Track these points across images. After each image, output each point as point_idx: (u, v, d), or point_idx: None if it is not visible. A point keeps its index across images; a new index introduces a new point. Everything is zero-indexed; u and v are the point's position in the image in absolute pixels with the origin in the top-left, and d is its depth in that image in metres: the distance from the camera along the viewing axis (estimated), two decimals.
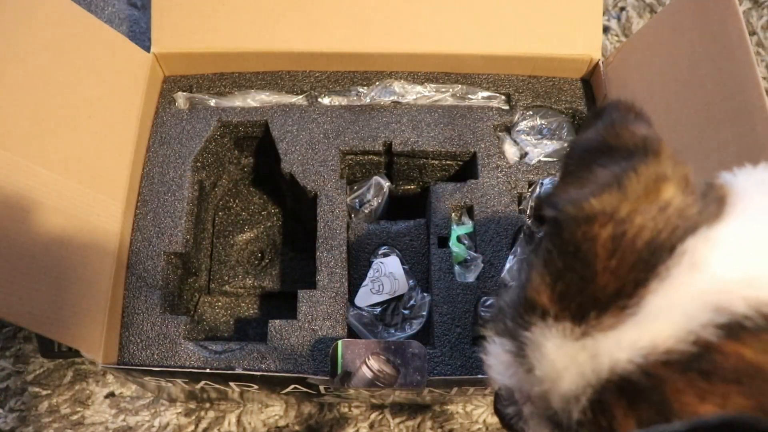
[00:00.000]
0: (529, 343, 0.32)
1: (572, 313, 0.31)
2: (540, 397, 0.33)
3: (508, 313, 0.34)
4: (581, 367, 0.30)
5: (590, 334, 0.30)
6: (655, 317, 0.29)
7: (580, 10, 0.72)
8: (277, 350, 0.62)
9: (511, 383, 0.35)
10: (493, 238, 0.66)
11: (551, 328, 0.31)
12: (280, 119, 0.71)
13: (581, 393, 0.30)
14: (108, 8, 0.90)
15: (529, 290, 0.33)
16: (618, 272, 0.30)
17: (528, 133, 0.73)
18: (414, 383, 0.57)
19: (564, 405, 0.31)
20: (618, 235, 0.30)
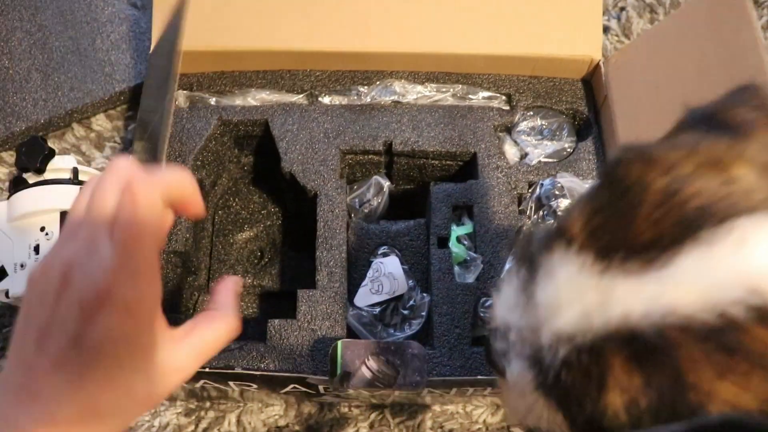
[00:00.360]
0: (543, 268, 0.31)
1: (598, 247, 0.29)
2: (530, 329, 0.32)
3: (536, 238, 0.33)
4: (587, 306, 0.29)
5: (609, 274, 0.29)
6: (683, 279, 0.27)
7: (580, 11, 0.72)
8: (277, 350, 0.62)
9: (509, 316, 0.34)
10: (493, 238, 0.66)
11: (571, 257, 0.30)
12: (280, 118, 0.71)
13: (578, 333, 0.29)
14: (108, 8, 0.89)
15: (565, 219, 0.32)
16: (659, 224, 0.29)
17: (528, 134, 0.73)
18: (413, 384, 0.56)
19: (553, 342, 0.30)
20: (672, 189, 0.29)
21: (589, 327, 0.29)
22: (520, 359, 0.33)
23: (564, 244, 0.31)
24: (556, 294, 0.30)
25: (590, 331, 0.28)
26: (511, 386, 0.36)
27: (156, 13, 0.71)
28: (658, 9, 0.99)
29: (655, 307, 0.27)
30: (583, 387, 0.29)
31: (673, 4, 0.98)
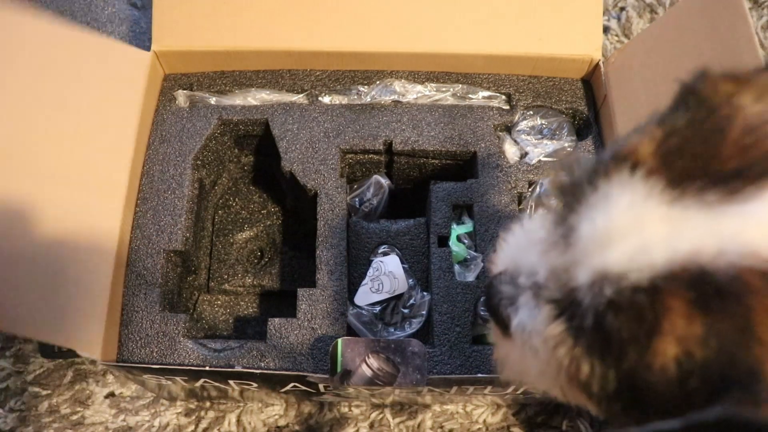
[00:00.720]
0: (593, 197, 0.27)
1: (671, 173, 0.25)
2: (563, 268, 0.27)
3: (581, 166, 0.29)
4: (648, 239, 0.25)
5: (682, 204, 0.25)
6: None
7: (581, 11, 0.72)
8: (277, 348, 0.62)
9: (522, 257, 0.30)
10: (493, 237, 0.66)
11: (636, 183, 0.26)
12: (280, 118, 0.71)
13: (633, 270, 0.25)
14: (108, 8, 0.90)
15: (625, 144, 0.28)
16: (748, 152, 0.25)
17: (528, 133, 0.73)
18: (414, 382, 0.56)
19: (597, 280, 0.26)
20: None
21: (647, 263, 0.25)
22: (538, 304, 0.29)
23: (628, 169, 0.26)
24: (610, 225, 0.26)
25: (648, 268, 0.25)
26: (517, 338, 0.32)
27: (156, 13, 0.71)
28: (658, 9, 0.99)
29: (732, 246, 0.23)
30: (631, 332, 0.25)
31: (672, 4, 0.99)
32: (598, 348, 0.27)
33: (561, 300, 0.28)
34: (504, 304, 0.32)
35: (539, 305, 0.29)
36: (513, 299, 0.31)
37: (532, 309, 0.30)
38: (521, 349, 0.31)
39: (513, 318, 0.31)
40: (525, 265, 0.31)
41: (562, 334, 0.28)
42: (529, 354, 0.31)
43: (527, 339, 0.31)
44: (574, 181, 0.29)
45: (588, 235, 0.26)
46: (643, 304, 0.25)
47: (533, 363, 0.31)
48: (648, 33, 0.70)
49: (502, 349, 0.34)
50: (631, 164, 0.26)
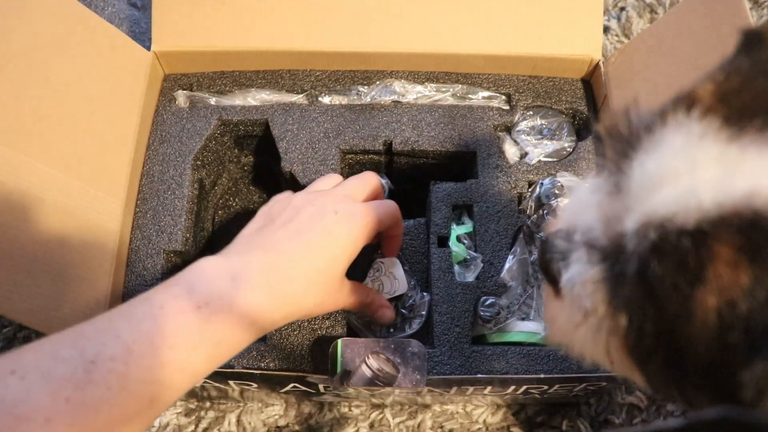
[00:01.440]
0: (648, 141, 0.26)
1: (730, 110, 0.24)
2: (613, 217, 0.27)
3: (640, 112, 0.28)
4: (699, 181, 0.23)
5: (740, 143, 0.23)
6: None
7: (581, 11, 0.72)
8: (277, 349, 0.62)
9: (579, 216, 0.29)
10: (492, 237, 0.66)
11: (691, 123, 0.25)
12: (280, 118, 0.71)
13: (680, 213, 0.23)
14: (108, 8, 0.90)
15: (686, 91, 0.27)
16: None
17: (528, 133, 0.73)
18: (413, 382, 0.56)
19: (644, 224, 0.25)
20: None
21: (696, 206, 0.23)
22: (588, 256, 0.28)
23: (684, 109, 0.25)
24: (661, 167, 0.25)
25: (697, 212, 0.23)
26: (566, 295, 0.31)
27: (156, 13, 0.71)
28: (658, 9, 0.99)
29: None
30: (673, 280, 0.24)
31: (672, 4, 0.99)
32: (638, 297, 0.26)
33: (607, 248, 0.27)
34: (556, 259, 0.31)
35: (591, 261, 0.28)
36: (565, 255, 0.30)
37: (583, 265, 0.29)
38: (569, 307, 0.30)
39: (563, 273, 0.30)
40: (582, 223, 0.30)
41: (604, 282, 0.27)
42: (577, 313, 0.30)
43: (576, 296, 0.29)
44: (629, 127, 0.28)
45: (639, 180, 0.25)
46: (688, 250, 0.23)
47: (580, 322, 0.30)
48: (648, 33, 0.70)
49: (551, 310, 0.33)
50: (687, 104, 0.25)
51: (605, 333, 0.28)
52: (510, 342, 0.63)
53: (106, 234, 0.63)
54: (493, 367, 0.61)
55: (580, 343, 0.31)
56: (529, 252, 0.67)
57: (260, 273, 0.46)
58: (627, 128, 0.28)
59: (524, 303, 0.65)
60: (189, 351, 0.42)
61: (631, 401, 0.77)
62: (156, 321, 0.40)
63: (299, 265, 0.49)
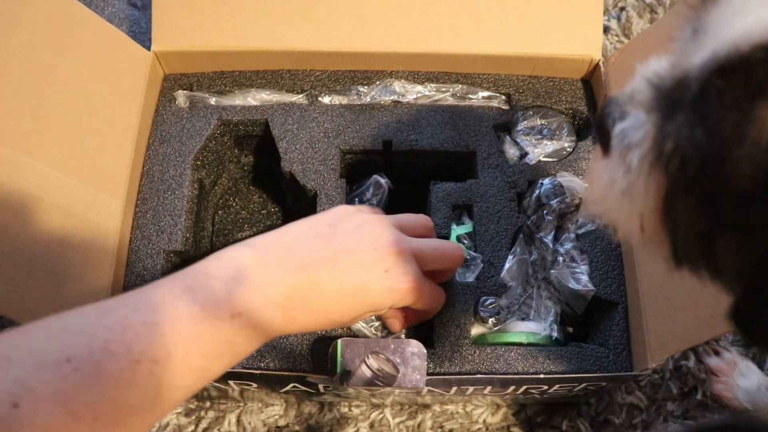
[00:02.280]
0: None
1: None
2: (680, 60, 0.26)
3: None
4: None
5: None
6: None
7: (581, 11, 0.72)
8: (277, 349, 0.62)
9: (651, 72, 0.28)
10: (492, 237, 0.66)
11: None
12: (280, 118, 0.71)
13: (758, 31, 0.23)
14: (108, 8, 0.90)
15: None
16: None
17: (528, 133, 0.73)
18: (413, 382, 0.57)
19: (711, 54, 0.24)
20: None
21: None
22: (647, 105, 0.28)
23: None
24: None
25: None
26: (614, 147, 0.30)
27: (156, 13, 0.71)
28: (658, 9, 0.99)
29: None
30: (734, 95, 0.23)
31: (673, 4, 0.99)
32: (690, 122, 0.25)
33: (669, 86, 0.26)
34: (612, 114, 0.30)
35: (648, 107, 0.28)
36: (623, 111, 0.30)
37: (638, 117, 0.28)
38: (615, 164, 0.30)
39: (616, 127, 0.30)
40: (648, 75, 0.29)
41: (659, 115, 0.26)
42: (621, 168, 0.29)
43: (624, 149, 0.29)
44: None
45: (721, 12, 0.25)
46: (758, 61, 0.23)
47: (622, 179, 0.29)
48: (648, 33, 0.70)
49: (595, 169, 0.33)
50: None
51: (646, 185, 0.28)
52: (510, 342, 0.63)
53: (106, 234, 0.63)
54: (493, 367, 0.61)
55: (616, 204, 0.30)
56: (528, 252, 0.67)
57: (288, 297, 0.46)
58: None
59: (524, 303, 0.65)
60: (214, 360, 0.42)
61: (631, 401, 0.77)
62: (194, 326, 0.40)
63: (324, 303, 0.48)
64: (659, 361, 0.58)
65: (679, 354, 0.79)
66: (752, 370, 0.74)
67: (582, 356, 0.62)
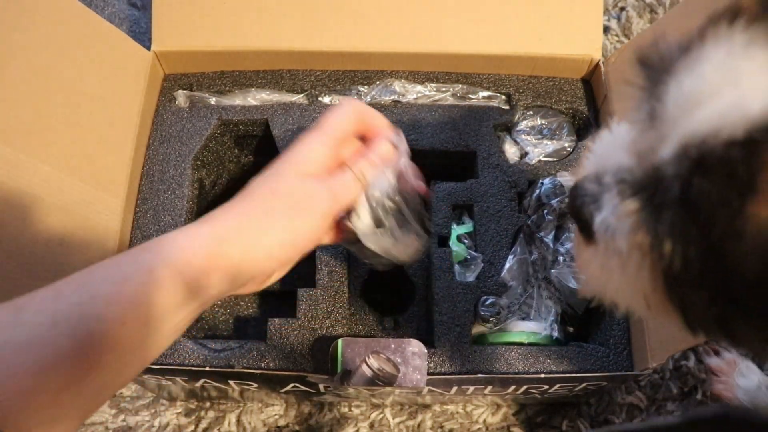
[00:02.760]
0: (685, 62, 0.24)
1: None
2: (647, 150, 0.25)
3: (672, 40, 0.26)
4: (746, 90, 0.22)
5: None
6: None
7: (581, 11, 0.72)
8: (277, 349, 0.62)
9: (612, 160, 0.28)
10: (493, 237, 0.66)
11: (735, 34, 0.23)
12: (280, 118, 0.71)
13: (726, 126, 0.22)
14: (108, 8, 0.90)
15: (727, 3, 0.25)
16: None
17: (528, 133, 0.74)
18: (414, 382, 0.57)
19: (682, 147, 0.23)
20: None
21: (743, 116, 0.22)
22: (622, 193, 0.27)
23: (726, 21, 0.24)
24: (701, 83, 0.24)
25: (744, 121, 0.22)
26: (599, 239, 0.29)
27: (156, 13, 0.71)
28: (658, 9, 0.99)
29: None
30: (721, 194, 0.23)
31: (673, 4, 0.99)
32: (682, 221, 0.24)
33: (642, 180, 0.26)
34: (587, 203, 0.30)
35: (622, 195, 0.28)
36: (596, 197, 0.29)
37: (615, 204, 0.28)
38: (603, 252, 0.29)
39: (596, 216, 0.29)
40: (611, 165, 0.29)
41: (644, 213, 0.26)
42: (612, 256, 0.29)
43: (610, 238, 0.29)
44: (661, 53, 0.26)
45: (675, 103, 0.24)
46: (737, 159, 0.22)
47: (615, 266, 0.29)
48: (648, 33, 0.70)
49: (583, 257, 0.32)
50: (729, 17, 0.24)
51: (644, 272, 0.27)
52: (510, 342, 0.63)
53: (106, 234, 0.63)
54: (494, 367, 0.61)
55: (616, 288, 0.30)
56: (529, 252, 0.67)
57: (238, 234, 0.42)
58: (658, 55, 0.26)
59: (524, 303, 0.65)
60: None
61: (631, 401, 0.77)
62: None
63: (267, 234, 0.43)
64: (659, 360, 0.58)
65: (679, 354, 0.79)
66: (752, 370, 0.75)
67: (582, 356, 0.62)
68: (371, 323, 0.65)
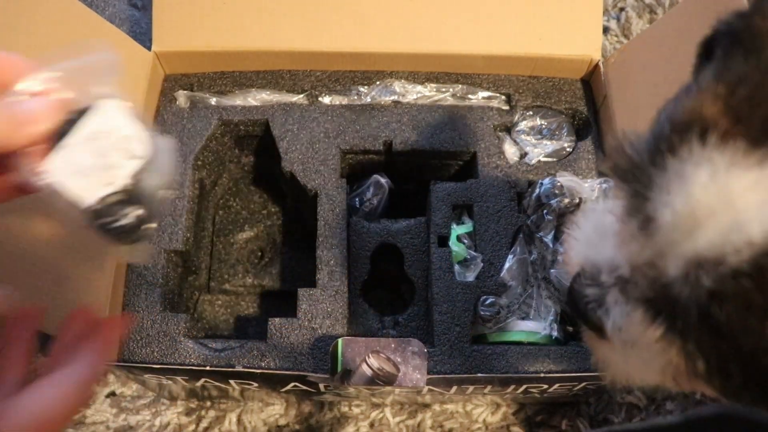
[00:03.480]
0: (665, 179, 0.24)
1: (752, 129, 0.22)
2: (647, 265, 0.25)
3: (638, 146, 0.26)
4: (741, 214, 0.22)
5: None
6: None
7: (580, 11, 0.73)
8: (277, 348, 0.62)
9: (603, 255, 0.28)
10: (492, 237, 0.67)
11: (711, 151, 0.23)
12: (280, 118, 0.72)
13: (729, 253, 0.22)
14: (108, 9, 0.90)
15: (685, 107, 0.24)
16: None
17: (528, 133, 0.74)
18: (414, 381, 0.57)
19: (690, 270, 0.23)
20: None
21: (745, 242, 0.22)
22: (629, 301, 0.27)
23: (696, 138, 0.23)
24: (692, 205, 0.23)
25: (747, 247, 0.22)
26: (615, 340, 0.29)
27: (156, 14, 0.71)
28: (658, 9, 0.99)
29: None
30: (741, 322, 0.23)
31: (672, 4, 0.99)
32: (708, 342, 0.24)
33: (655, 299, 0.25)
34: (592, 308, 0.29)
35: (630, 302, 0.27)
36: (600, 300, 0.29)
37: (623, 307, 0.28)
38: (622, 350, 0.29)
39: (606, 321, 0.29)
40: (603, 261, 0.28)
41: (667, 335, 0.26)
42: (632, 353, 0.28)
43: (626, 339, 0.28)
44: (633, 164, 0.25)
45: (669, 222, 0.23)
46: (750, 289, 0.22)
47: (638, 361, 0.28)
48: (648, 33, 0.70)
49: (601, 352, 0.32)
50: (698, 132, 0.23)
51: (677, 372, 0.27)
52: (510, 341, 0.63)
53: None
54: (493, 366, 0.61)
55: (645, 378, 0.30)
56: (528, 252, 0.67)
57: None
58: (631, 165, 0.26)
59: (524, 302, 0.66)
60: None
61: (630, 400, 0.77)
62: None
63: None
64: None
65: None
66: None
67: (582, 355, 0.62)
68: (371, 323, 0.65)
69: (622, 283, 0.27)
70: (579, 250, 0.30)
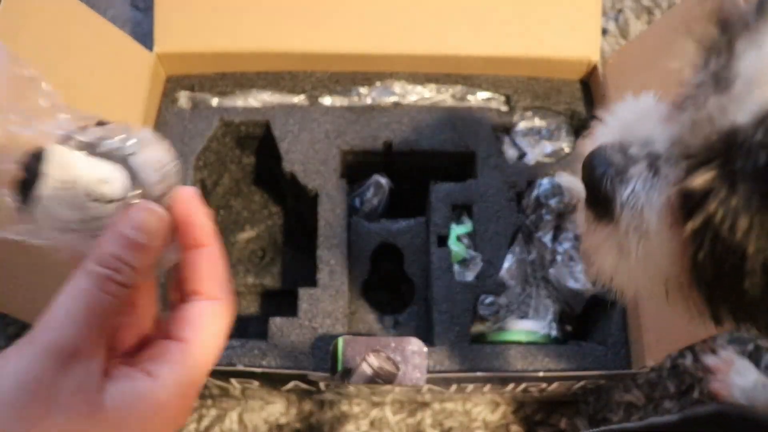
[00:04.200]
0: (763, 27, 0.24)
1: None
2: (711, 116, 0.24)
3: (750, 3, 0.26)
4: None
5: None
6: None
7: (579, 13, 0.73)
8: (278, 347, 0.62)
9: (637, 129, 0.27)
10: (492, 237, 0.67)
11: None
12: (281, 119, 0.72)
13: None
14: (110, 10, 0.90)
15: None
16: None
17: (527, 134, 0.74)
18: (413, 380, 0.57)
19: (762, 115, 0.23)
20: None
21: None
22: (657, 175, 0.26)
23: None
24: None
25: None
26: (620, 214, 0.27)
27: (158, 15, 0.72)
28: (656, 11, 0.99)
29: None
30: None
31: (670, 6, 0.99)
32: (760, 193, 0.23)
33: (706, 147, 0.25)
34: (610, 174, 0.28)
35: (658, 176, 0.26)
36: (622, 170, 0.27)
37: (647, 180, 0.27)
38: (623, 231, 0.27)
39: (620, 192, 0.27)
40: (638, 135, 0.27)
41: (715, 182, 0.24)
42: (633, 236, 0.27)
43: (637, 215, 0.27)
44: (741, 11, 0.25)
45: (754, 63, 0.23)
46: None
47: (634, 254, 0.27)
48: (646, 35, 0.71)
49: (594, 238, 0.30)
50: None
51: (672, 253, 0.26)
52: (509, 340, 0.64)
53: None
54: (493, 365, 0.61)
55: (631, 271, 0.28)
56: (527, 251, 0.68)
57: None
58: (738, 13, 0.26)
59: (523, 302, 0.66)
60: None
61: (629, 399, 0.78)
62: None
63: None
64: (657, 359, 0.58)
65: (676, 352, 0.80)
66: (749, 369, 0.75)
67: (580, 354, 0.62)
68: (371, 322, 0.66)
69: (652, 158, 0.26)
70: (613, 126, 0.29)
